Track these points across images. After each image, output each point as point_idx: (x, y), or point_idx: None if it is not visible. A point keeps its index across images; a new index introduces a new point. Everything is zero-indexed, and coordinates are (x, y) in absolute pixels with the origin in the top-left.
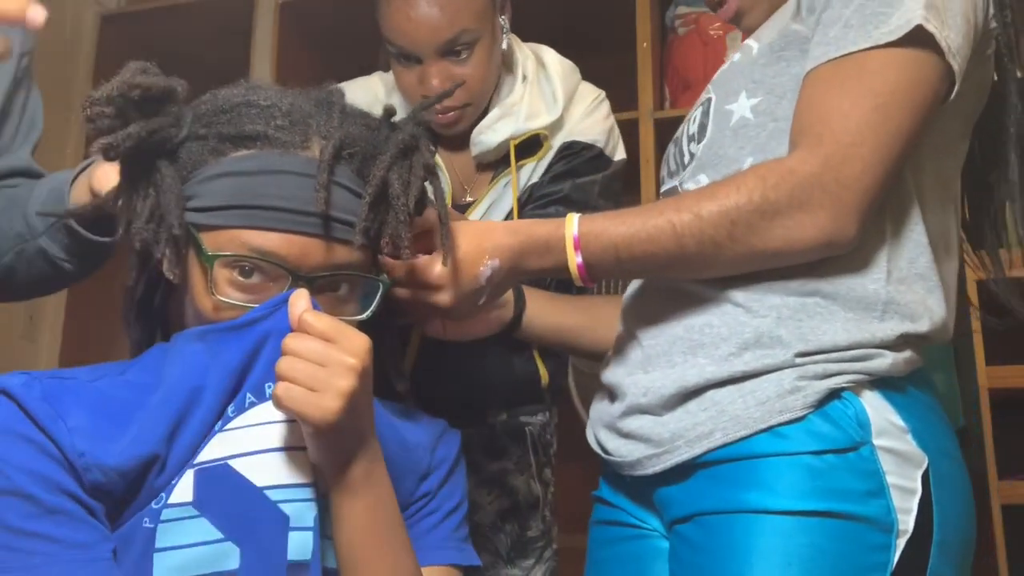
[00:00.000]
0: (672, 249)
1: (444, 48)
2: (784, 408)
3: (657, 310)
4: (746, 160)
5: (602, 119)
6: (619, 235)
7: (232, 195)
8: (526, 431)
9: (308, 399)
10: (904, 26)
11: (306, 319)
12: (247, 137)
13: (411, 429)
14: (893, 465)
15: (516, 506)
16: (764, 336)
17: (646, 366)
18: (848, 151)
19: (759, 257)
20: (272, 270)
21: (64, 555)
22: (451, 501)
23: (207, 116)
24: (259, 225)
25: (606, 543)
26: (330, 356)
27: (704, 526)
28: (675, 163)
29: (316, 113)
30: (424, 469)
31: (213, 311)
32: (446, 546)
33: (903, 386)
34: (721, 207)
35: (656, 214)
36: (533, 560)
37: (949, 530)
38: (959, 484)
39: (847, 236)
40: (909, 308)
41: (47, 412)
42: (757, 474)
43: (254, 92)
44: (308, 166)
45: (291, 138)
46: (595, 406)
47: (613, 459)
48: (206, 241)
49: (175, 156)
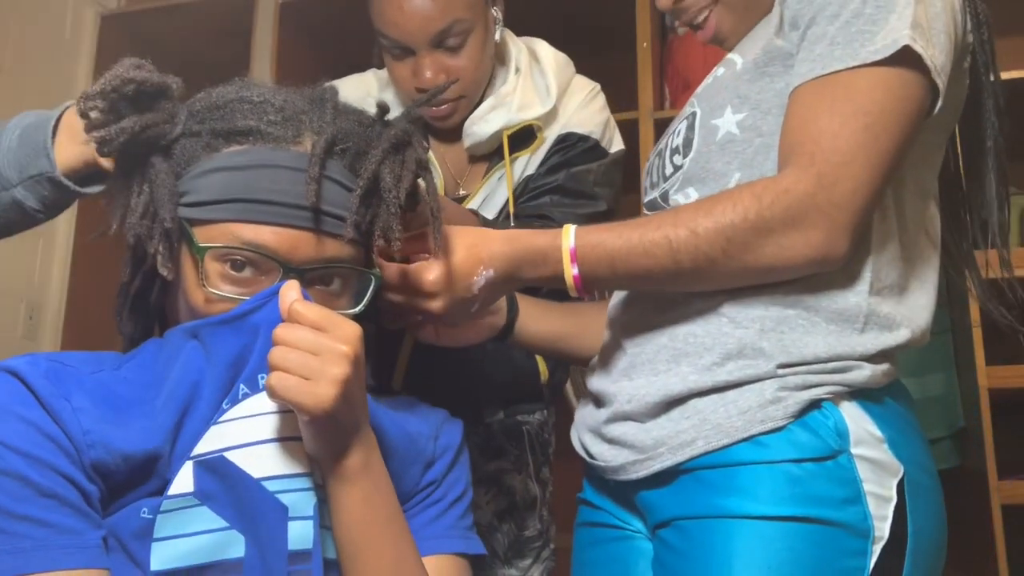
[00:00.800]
0: (667, 264)
1: (437, 39)
2: (765, 418)
3: (642, 318)
4: (734, 175)
5: (598, 111)
6: (616, 248)
7: (224, 189)
8: (523, 430)
9: (302, 388)
10: (891, 45)
11: (296, 308)
12: (240, 132)
13: (412, 419)
14: (870, 473)
15: (513, 506)
16: (747, 347)
17: (631, 373)
18: (840, 171)
19: (752, 273)
20: (263, 263)
21: (54, 540)
22: (456, 490)
23: (201, 113)
24: (250, 218)
25: (591, 544)
26: (322, 344)
27: (685, 531)
28: (658, 175)
29: (309, 109)
30: (428, 457)
31: (204, 304)
32: (452, 535)
33: (880, 397)
34: (717, 224)
35: (653, 228)
36: (531, 560)
37: (922, 537)
38: (932, 493)
39: (839, 253)
40: (888, 319)
41: (51, 391)
42: (737, 480)
43: (247, 89)
44: (300, 160)
45: (283, 133)
46: (580, 411)
47: (597, 463)
48: (199, 235)
49: (169, 152)
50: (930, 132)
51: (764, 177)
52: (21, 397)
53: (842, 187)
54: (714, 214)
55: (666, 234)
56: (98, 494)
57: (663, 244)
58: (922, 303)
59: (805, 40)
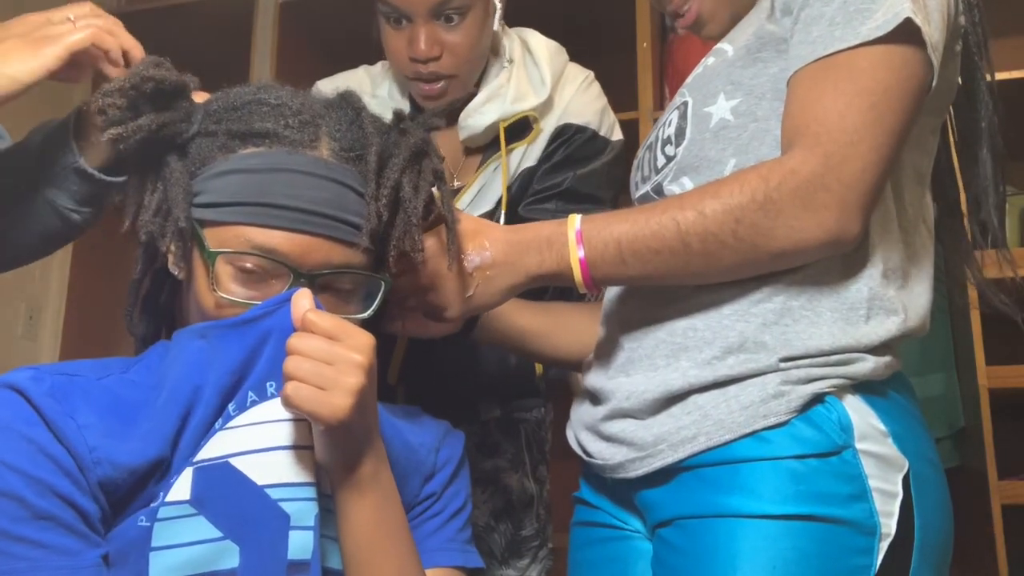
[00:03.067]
0: (676, 247)
1: (437, 9)
2: (768, 413)
3: (639, 313)
4: (729, 161)
5: (594, 99)
6: (622, 232)
7: (238, 192)
8: (520, 428)
9: (318, 398)
10: (892, 20)
11: (310, 318)
12: (256, 134)
13: (414, 430)
14: (875, 469)
15: (510, 505)
16: (748, 341)
17: (628, 369)
18: (847, 151)
19: (764, 258)
20: (274, 268)
21: (49, 561)
22: (456, 502)
23: (218, 113)
24: (263, 223)
25: (587, 544)
26: (337, 354)
27: (687, 530)
28: (649, 168)
29: (326, 114)
30: (429, 470)
31: (215, 308)
32: (450, 548)
33: (884, 390)
34: (725, 205)
35: (659, 212)
36: (528, 560)
37: (929, 533)
38: (938, 488)
39: (852, 234)
40: (892, 303)
41: (56, 409)
42: (740, 478)
43: (265, 91)
44: (316, 166)
45: (300, 137)
46: (576, 408)
47: (595, 461)
48: (211, 237)
49: (185, 151)
50: (925, 114)
51: (765, 160)
52: (24, 415)
53: (851, 166)
54: (721, 196)
55: (673, 216)
56: (99, 513)
57: (671, 226)
58: (920, 289)
59: (799, 23)
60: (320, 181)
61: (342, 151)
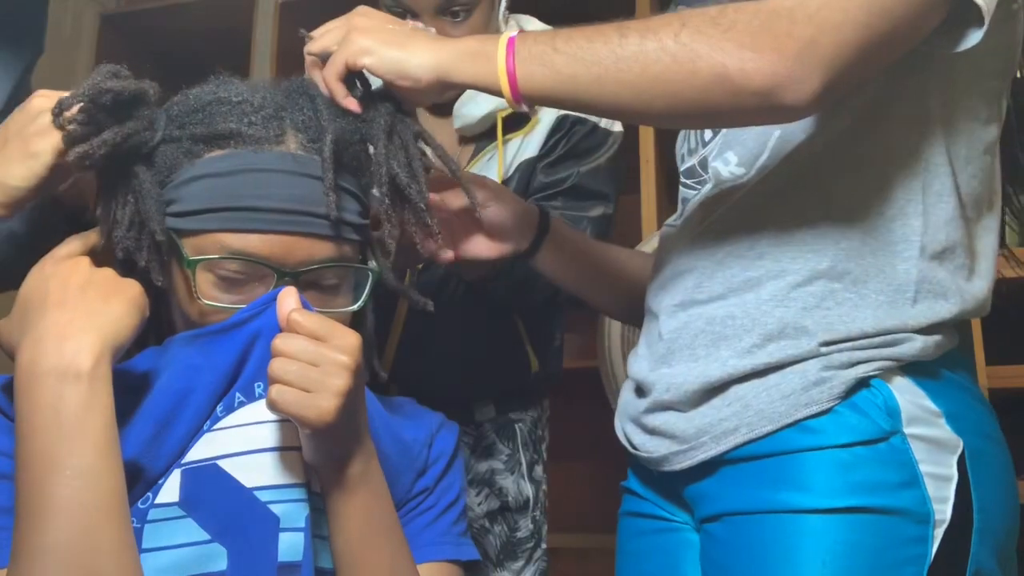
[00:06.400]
0: (613, 39)
1: (443, 5)
2: (810, 401)
3: (680, 303)
4: (775, 131)
5: None
6: (559, 33)
7: (209, 198)
8: (515, 428)
9: (303, 400)
10: None
11: (295, 318)
12: (220, 136)
13: (407, 425)
14: (926, 453)
15: (505, 507)
16: (788, 327)
17: (669, 360)
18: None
19: (700, 77)
20: (256, 270)
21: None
22: (448, 496)
23: (180, 117)
24: (237, 227)
25: (636, 535)
26: (322, 355)
27: (734, 526)
28: (696, 140)
29: (289, 105)
30: (421, 465)
31: (200, 316)
32: (443, 541)
33: (935, 370)
34: (677, 15)
35: (606, 25)
36: (523, 562)
37: (990, 515)
38: (999, 465)
39: (801, 88)
40: (942, 287)
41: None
42: (786, 472)
43: (224, 88)
44: (284, 162)
45: (265, 134)
46: (622, 398)
47: (640, 454)
48: (189, 245)
49: (151, 160)
50: (982, 77)
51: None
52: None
53: (829, 11)
54: (680, 12)
55: (618, 23)
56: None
57: (613, 25)
58: (981, 270)
59: None
60: (290, 177)
61: (310, 143)
